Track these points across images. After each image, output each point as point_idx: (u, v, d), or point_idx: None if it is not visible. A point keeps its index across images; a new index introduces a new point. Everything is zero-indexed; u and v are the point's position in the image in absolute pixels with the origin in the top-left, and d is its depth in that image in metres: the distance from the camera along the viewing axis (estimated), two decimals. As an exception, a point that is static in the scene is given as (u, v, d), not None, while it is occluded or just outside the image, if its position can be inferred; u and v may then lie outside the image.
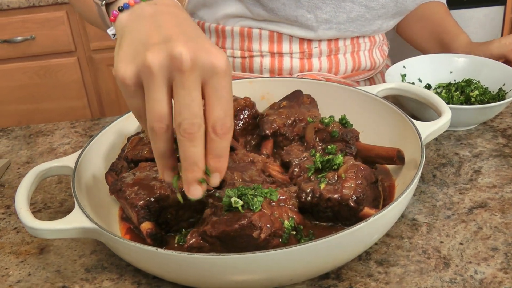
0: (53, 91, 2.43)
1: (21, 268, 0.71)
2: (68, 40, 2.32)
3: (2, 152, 0.99)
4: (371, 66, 1.10)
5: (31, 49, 2.33)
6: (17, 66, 2.35)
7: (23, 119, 2.46)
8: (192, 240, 0.62)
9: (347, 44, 1.05)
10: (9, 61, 2.34)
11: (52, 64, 2.37)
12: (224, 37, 1.07)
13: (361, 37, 1.06)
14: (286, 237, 0.62)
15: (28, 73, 2.37)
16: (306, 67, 1.05)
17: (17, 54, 2.33)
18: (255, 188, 0.63)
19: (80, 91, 2.44)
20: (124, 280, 0.67)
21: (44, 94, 2.43)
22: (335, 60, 1.06)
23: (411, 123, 0.75)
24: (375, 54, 1.11)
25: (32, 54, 2.34)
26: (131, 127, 0.87)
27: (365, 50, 1.08)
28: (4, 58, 2.32)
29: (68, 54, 2.37)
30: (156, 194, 0.67)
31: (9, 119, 2.45)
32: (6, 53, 2.31)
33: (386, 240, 0.69)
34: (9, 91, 2.39)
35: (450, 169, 0.82)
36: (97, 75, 2.41)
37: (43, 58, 2.36)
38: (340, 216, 0.67)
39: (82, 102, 2.46)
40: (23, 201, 0.67)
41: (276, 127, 0.82)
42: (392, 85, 0.86)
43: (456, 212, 0.73)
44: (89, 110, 2.49)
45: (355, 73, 1.08)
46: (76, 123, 1.07)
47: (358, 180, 0.66)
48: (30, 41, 2.31)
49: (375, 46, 1.10)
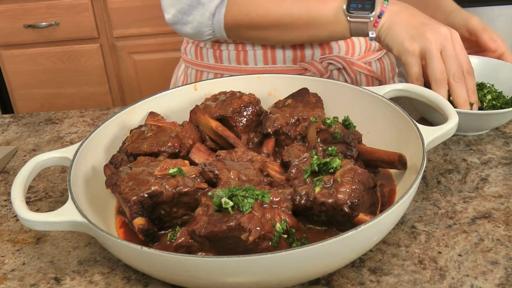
0: (75, 77, 2.45)
1: (17, 257, 0.71)
2: (91, 27, 2.34)
3: (11, 138, 1.00)
4: (379, 46, 1.13)
5: (55, 35, 2.35)
6: (40, 51, 2.38)
7: (45, 103, 2.50)
8: (181, 239, 0.62)
9: None
10: (33, 46, 2.37)
11: (75, 50, 2.40)
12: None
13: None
14: (276, 240, 0.61)
15: (52, 58, 2.40)
16: (326, 50, 1.06)
17: (41, 39, 2.36)
18: (246, 189, 0.62)
19: (102, 78, 2.46)
20: (114, 275, 0.67)
21: (67, 79, 2.46)
22: (351, 42, 1.08)
23: (415, 127, 0.73)
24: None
25: (56, 39, 2.37)
26: (135, 120, 0.86)
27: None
28: (29, 42, 2.36)
29: (91, 41, 2.39)
30: (149, 190, 0.67)
31: (32, 102, 2.49)
32: (31, 38, 2.35)
33: (382, 247, 0.67)
34: (33, 75, 2.43)
35: (456, 175, 0.79)
36: (119, 62, 2.43)
37: (66, 43, 2.39)
38: (334, 221, 0.65)
39: (104, 88, 2.48)
40: (18, 191, 0.67)
41: (278, 126, 0.81)
42: (400, 86, 0.83)
43: (458, 221, 0.71)
44: (110, 96, 2.51)
45: (367, 54, 1.10)
46: (85, 112, 1.08)
47: (354, 185, 0.64)
48: (54, 27, 2.33)
49: None
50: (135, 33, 2.35)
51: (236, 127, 0.84)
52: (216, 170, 0.71)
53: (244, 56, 1.06)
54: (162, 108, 0.89)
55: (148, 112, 0.87)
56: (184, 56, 1.15)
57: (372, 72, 1.08)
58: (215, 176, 0.71)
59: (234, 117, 0.84)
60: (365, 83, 1.09)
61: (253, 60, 1.06)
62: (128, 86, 2.49)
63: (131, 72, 2.45)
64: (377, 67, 1.12)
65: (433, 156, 0.84)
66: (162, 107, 0.89)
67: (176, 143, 0.77)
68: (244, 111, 0.85)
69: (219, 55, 1.08)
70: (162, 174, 0.69)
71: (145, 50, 2.38)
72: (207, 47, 1.08)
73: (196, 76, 1.12)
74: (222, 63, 1.08)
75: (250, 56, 1.06)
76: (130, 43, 2.38)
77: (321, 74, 1.04)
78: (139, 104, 0.88)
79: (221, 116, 0.84)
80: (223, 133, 0.81)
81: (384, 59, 1.14)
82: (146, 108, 0.88)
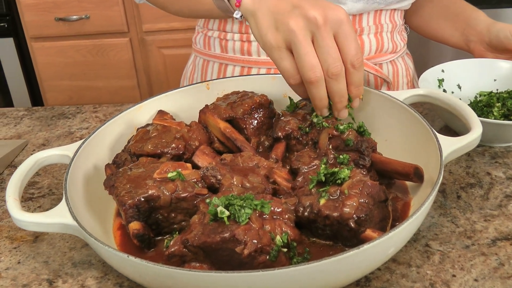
0: (104, 70, 2.47)
1: (13, 255, 0.70)
2: (121, 21, 2.34)
3: (22, 132, 0.99)
4: (393, 48, 1.06)
5: (85, 28, 2.37)
6: (71, 44, 2.40)
7: (74, 95, 2.52)
8: (173, 248, 0.58)
9: (370, 25, 1.01)
10: (64, 39, 2.39)
11: (104, 43, 2.41)
12: (225, 20, 1.04)
13: (383, 17, 1.03)
14: (275, 254, 0.57)
15: (81, 51, 2.42)
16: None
17: (72, 32, 2.37)
18: (245, 198, 0.58)
19: (131, 72, 2.46)
20: (107, 280, 0.64)
21: (96, 73, 2.47)
22: (360, 41, 1.02)
23: (434, 137, 0.67)
24: (395, 37, 1.07)
25: (86, 33, 2.38)
26: (143, 118, 0.84)
27: (387, 31, 1.04)
28: (59, 35, 2.38)
29: (121, 35, 2.39)
30: (146, 194, 0.64)
31: (61, 94, 2.51)
32: (61, 31, 2.37)
33: (391, 266, 0.63)
34: (62, 68, 2.45)
35: (478, 190, 0.73)
36: (148, 56, 2.42)
37: (96, 37, 2.40)
38: (340, 235, 0.61)
39: (132, 82, 2.49)
40: (13, 189, 0.65)
41: (289, 130, 0.77)
42: (421, 92, 0.78)
43: (477, 242, 0.65)
44: (138, 90, 2.51)
45: (378, 55, 1.04)
46: (98, 107, 1.06)
47: (362, 198, 0.60)
48: (85, 20, 2.35)
49: (395, 29, 1.06)
50: (165, 27, 2.34)
51: (246, 129, 0.80)
52: (218, 175, 0.68)
53: (248, 47, 1.03)
54: (173, 107, 0.86)
55: (157, 110, 0.84)
56: (194, 46, 1.14)
57: (380, 73, 1.01)
58: (218, 182, 0.68)
59: (244, 118, 0.80)
60: (373, 84, 1.04)
61: (256, 51, 1.03)
62: (157, 81, 2.49)
63: (160, 67, 2.45)
64: (388, 69, 1.06)
65: (455, 168, 0.78)
66: (173, 106, 0.86)
67: (180, 145, 0.73)
68: (255, 113, 0.81)
69: (225, 45, 1.05)
70: (161, 177, 0.66)
71: (174, 45, 2.37)
72: (214, 37, 1.07)
73: (203, 66, 1.10)
74: (227, 53, 1.06)
75: (253, 47, 1.03)
76: (159, 37, 2.37)
77: None
78: (148, 101, 0.85)
79: (231, 117, 0.80)
80: (231, 135, 0.78)
81: (398, 62, 1.08)
82: (155, 106, 0.85)
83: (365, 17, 1.01)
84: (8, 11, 2.33)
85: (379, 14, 1.02)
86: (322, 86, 0.68)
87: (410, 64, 1.12)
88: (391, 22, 1.05)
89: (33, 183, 0.84)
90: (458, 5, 1.07)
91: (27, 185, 0.83)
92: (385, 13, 1.03)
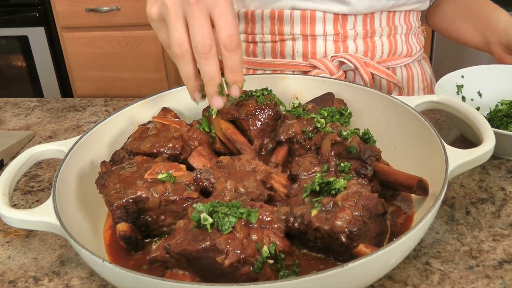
0: (133, 62, 2.48)
1: (5, 249, 0.69)
2: (151, 13, 2.34)
3: (32, 123, 0.99)
4: (407, 52, 1.01)
5: (116, 20, 2.38)
6: (101, 35, 2.42)
7: (102, 85, 2.54)
8: (156, 253, 0.56)
9: (383, 26, 0.97)
10: (94, 29, 2.41)
11: (134, 35, 2.41)
12: (253, 22, 1.01)
13: (397, 19, 0.98)
14: (259, 266, 0.54)
15: (111, 43, 2.43)
16: (341, 50, 0.97)
17: (102, 23, 2.39)
18: (231, 205, 0.56)
19: (159, 64, 2.47)
20: (92, 281, 0.63)
21: (125, 64, 2.48)
22: (371, 43, 0.97)
23: (441, 147, 0.63)
24: (411, 40, 1.02)
25: (116, 24, 2.39)
26: (146, 115, 0.82)
27: (401, 34, 0.99)
28: (90, 26, 2.40)
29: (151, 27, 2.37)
30: (134, 195, 0.62)
31: (89, 84, 2.54)
32: (92, 22, 2.39)
33: (386, 284, 0.59)
34: (92, 58, 2.47)
35: (490, 207, 0.69)
36: (177, 49, 2.41)
37: (126, 29, 2.41)
38: (331, 249, 0.57)
39: (160, 75, 2.49)
40: (4, 184, 0.64)
41: (292, 134, 0.74)
42: (435, 98, 0.73)
43: (482, 263, 0.60)
44: (166, 83, 2.51)
45: (391, 58, 0.99)
46: (110, 101, 1.05)
47: (357, 211, 0.56)
48: (115, 12, 2.36)
49: (411, 31, 1.01)
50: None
51: (249, 130, 0.78)
52: (212, 178, 0.66)
53: (254, 48, 1.01)
54: (177, 104, 0.84)
55: (161, 107, 0.82)
56: None
57: (391, 77, 0.96)
58: (211, 185, 0.65)
59: (248, 119, 0.77)
60: (385, 89, 0.99)
61: (261, 53, 1.01)
62: (185, 74, 2.48)
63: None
64: (402, 74, 1.01)
65: (467, 181, 0.74)
66: (177, 103, 0.84)
67: (177, 145, 0.71)
68: (259, 114, 0.78)
69: None
70: (152, 178, 0.64)
71: (202, 39, 2.35)
72: None
73: None
74: None
75: (259, 48, 1.01)
76: (188, 31, 2.36)
77: (331, 73, 0.95)
78: (151, 98, 0.83)
79: (234, 117, 0.78)
80: (231, 136, 0.75)
81: (413, 66, 1.03)
82: (159, 103, 0.83)
83: (377, 18, 0.96)
84: (40, 1, 2.37)
85: (392, 15, 0.98)
86: (188, 63, 0.65)
87: (427, 68, 1.07)
88: (405, 23, 1.00)
89: (35, 176, 0.83)
90: (480, 4, 1.02)
91: (28, 178, 0.83)
92: (399, 14, 0.98)
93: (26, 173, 0.84)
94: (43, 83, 2.53)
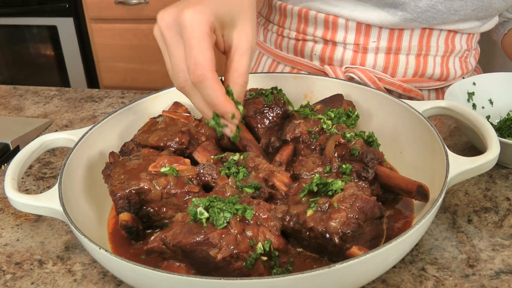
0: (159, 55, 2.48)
1: (14, 232, 0.72)
2: (178, 7, 2.36)
3: (50, 111, 1.02)
4: (441, 75, 0.94)
5: (143, 12, 2.41)
6: (128, 27, 2.46)
7: (128, 77, 2.58)
8: (153, 244, 0.58)
9: (413, 45, 0.91)
10: (122, 22, 2.45)
11: (161, 28, 2.44)
12: (285, 16, 1.02)
13: (434, 38, 0.91)
14: (251, 262, 0.55)
15: (138, 35, 2.47)
16: (359, 61, 0.95)
17: (130, 16, 2.43)
18: (227, 201, 0.57)
19: (185, 58, 2.49)
20: (93, 268, 0.65)
21: (151, 56, 2.51)
22: (394, 60, 0.92)
23: (444, 154, 0.63)
24: (452, 63, 0.95)
25: (144, 17, 2.42)
26: (158, 108, 0.84)
27: (436, 55, 0.93)
28: (118, 18, 2.44)
29: (177, 21, 2.41)
30: (137, 187, 0.63)
31: (116, 75, 2.58)
32: (120, 14, 2.42)
33: (379, 287, 0.59)
34: (119, 50, 2.51)
35: (493, 216, 0.68)
36: (202, 44, 2.43)
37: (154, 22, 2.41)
38: (325, 250, 0.58)
39: (185, 69, 2.51)
40: (14, 169, 0.67)
41: (298, 134, 0.74)
42: (443, 104, 0.73)
43: (479, 272, 0.60)
44: (190, 77, 2.53)
45: (418, 79, 0.94)
46: (126, 93, 1.07)
47: (352, 213, 0.56)
48: (143, 5, 2.39)
49: (453, 53, 0.94)
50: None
51: (256, 128, 0.79)
52: (214, 173, 0.67)
53: (281, 41, 1.03)
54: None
55: (173, 101, 0.83)
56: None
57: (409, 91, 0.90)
58: (213, 180, 0.66)
59: (256, 117, 0.78)
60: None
61: (286, 47, 1.02)
62: (210, 69, 2.50)
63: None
64: (431, 99, 0.95)
65: (472, 189, 0.73)
66: (189, 98, 0.85)
67: (184, 139, 0.73)
68: (267, 113, 0.79)
69: (265, 34, 1.06)
70: (156, 171, 0.65)
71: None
72: (261, 23, 1.08)
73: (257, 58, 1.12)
74: (265, 43, 1.07)
75: (284, 42, 1.02)
76: (214, 26, 2.37)
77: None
78: (163, 92, 0.85)
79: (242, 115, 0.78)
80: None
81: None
82: (172, 97, 0.84)
83: (406, 35, 0.90)
84: (71, -8, 2.42)
85: (428, 34, 0.89)
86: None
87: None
88: (446, 45, 0.91)
89: (48, 163, 0.86)
90: None
91: (41, 165, 0.85)
92: (437, 34, 0.90)
93: (40, 160, 0.87)
94: (70, 72, 2.58)
